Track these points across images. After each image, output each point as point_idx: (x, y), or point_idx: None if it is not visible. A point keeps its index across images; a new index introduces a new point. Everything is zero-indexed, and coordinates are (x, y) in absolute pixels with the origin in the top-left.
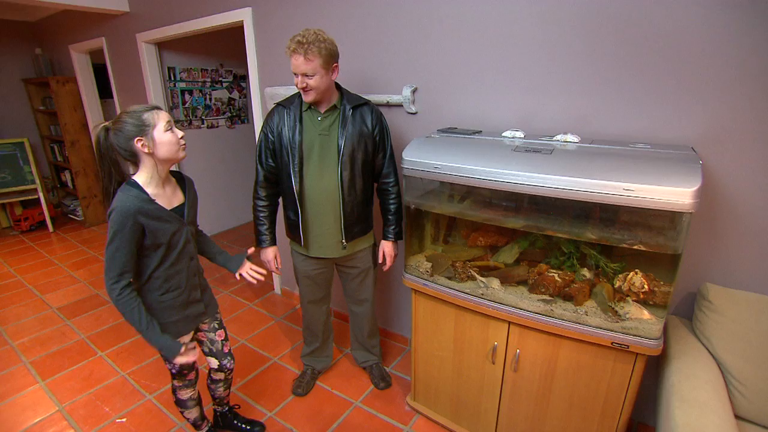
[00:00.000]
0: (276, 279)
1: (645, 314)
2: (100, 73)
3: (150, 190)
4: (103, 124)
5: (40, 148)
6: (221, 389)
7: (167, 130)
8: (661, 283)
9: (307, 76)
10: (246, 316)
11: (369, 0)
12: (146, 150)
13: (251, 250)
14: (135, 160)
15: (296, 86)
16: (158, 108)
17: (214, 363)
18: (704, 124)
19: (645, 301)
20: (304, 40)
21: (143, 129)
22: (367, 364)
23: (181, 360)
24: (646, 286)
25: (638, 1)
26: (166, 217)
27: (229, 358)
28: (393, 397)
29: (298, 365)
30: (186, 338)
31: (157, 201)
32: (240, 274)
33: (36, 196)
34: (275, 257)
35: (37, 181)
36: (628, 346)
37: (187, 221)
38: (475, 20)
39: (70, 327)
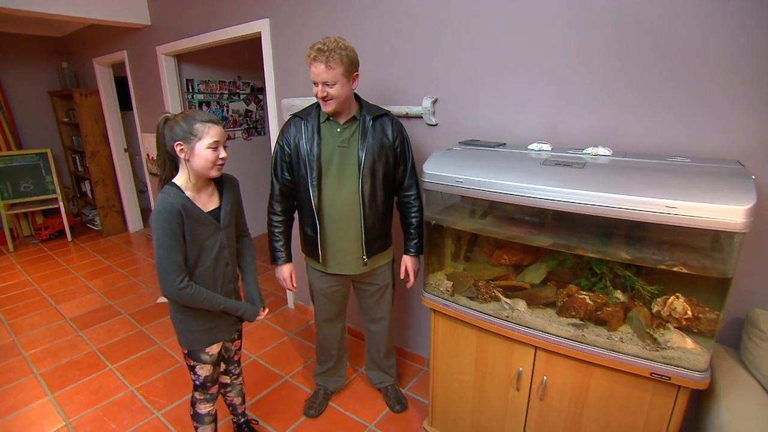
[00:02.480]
0: (289, 293)
1: (689, 343)
2: (120, 86)
3: (188, 192)
4: (164, 114)
5: (62, 158)
6: (231, 395)
7: (210, 148)
8: (707, 309)
9: (327, 84)
10: (258, 331)
11: (387, 10)
12: (183, 156)
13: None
14: (175, 160)
15: (315, 96)
16: (216, 123)
17: (221, 366)
18: (753, 135)
19: (688, 328)
20: (325, 48)
21: (188, 137)
22: (383, 385)
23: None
24: (689, 312)
25: (673, 3)
26: (203, 219)
27: (236, 365)
28: (409, 421)
29: (311, 384)
30: (215, 348)
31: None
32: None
33: (56, 206)
34: (291, 275)
35: (58, 191)
36: (669, 378)
37: (223, 225)
38: (498, 28)
39: (82, 338)
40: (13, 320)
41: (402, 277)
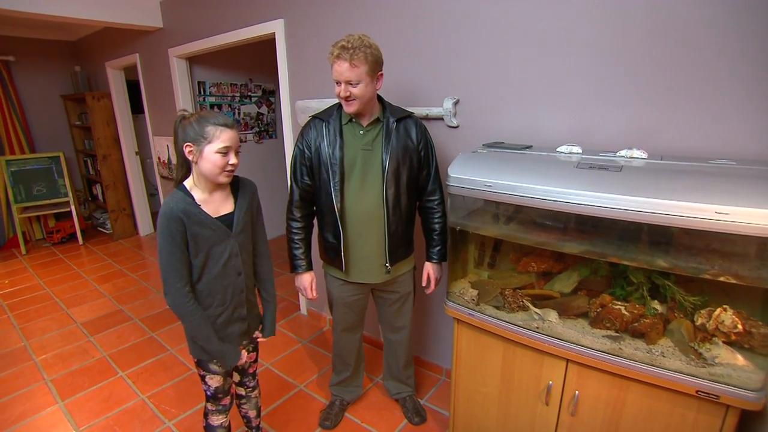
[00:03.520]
0: (302, 299)
1: (739, 359)
2: (132, 89)
3: (196, 195)
4: (181, 113)
5: (74, 161)
6: (246, 407)
7: (219, 152)
8: (760, 323)
9: (351, 84)
10: (271, 339)
11: (406, 8)
12: (191, 158)
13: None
14: (186, 161)
15: (338, 96)
16: (230, 127)
17: (236, 377)
18: None
19: (736, 343)
20: (349, 45)
21: (198, 139)
22: (401, 396)
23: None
24: (739, 326)
25: (711, 2)
26: (210, 224)
27: (250, 377)
28: None
29: (326, 394)
30: None
31: (202, 207)
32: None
33: (68, 209)
34: (311, 284)
35: (70, 194)
36: (718, 397)
37: (235, 232)
38: (523, 24)
39: (93, 344)
40: (24, 324)
41: (424, 284)
